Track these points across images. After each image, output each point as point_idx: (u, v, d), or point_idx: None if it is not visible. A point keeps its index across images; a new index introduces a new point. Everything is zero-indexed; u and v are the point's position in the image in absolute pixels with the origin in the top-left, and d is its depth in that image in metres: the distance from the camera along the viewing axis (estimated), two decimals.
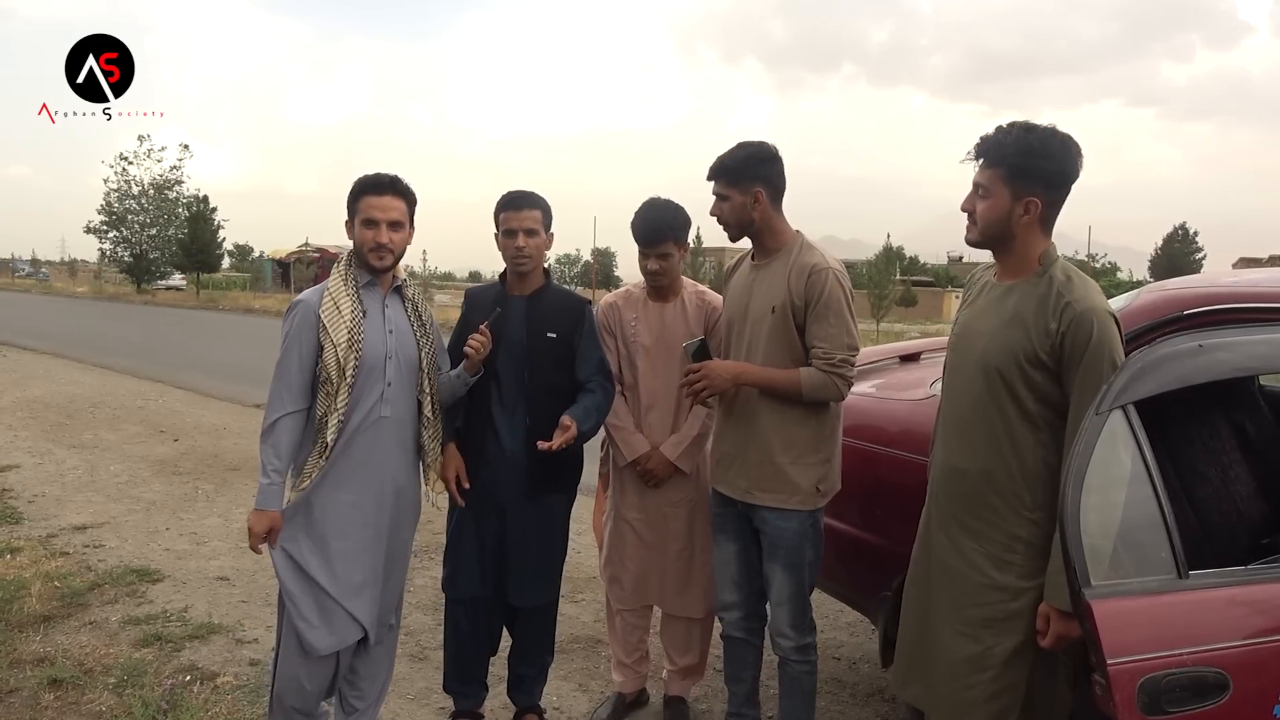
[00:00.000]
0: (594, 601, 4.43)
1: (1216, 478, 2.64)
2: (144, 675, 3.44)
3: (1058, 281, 2.05)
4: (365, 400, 2.63)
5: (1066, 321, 1.99)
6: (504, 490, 2.91)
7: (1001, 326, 2.11)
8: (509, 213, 2.91)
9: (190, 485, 6.49)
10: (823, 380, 2.57)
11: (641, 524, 3.15)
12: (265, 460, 2.56)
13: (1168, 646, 1.63)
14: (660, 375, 3.10)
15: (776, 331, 2.63)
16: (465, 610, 3.02)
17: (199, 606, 4.20)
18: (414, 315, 2.79)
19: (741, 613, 2.86)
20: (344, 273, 2.67)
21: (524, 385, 2.91)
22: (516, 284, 2.98)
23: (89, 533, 5.28)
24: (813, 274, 2.58)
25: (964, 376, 2.21)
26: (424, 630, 4.01)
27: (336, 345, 2.54)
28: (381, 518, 2.71)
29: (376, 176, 2.67)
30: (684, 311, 3.10)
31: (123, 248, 41.01)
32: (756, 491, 2.68)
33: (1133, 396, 1.74)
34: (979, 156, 2.16)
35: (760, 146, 2.69)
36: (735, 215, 2.68)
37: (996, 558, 2.11)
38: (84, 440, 7.95)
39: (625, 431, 3.12)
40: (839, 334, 2.57)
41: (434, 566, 4.80)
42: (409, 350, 2.73)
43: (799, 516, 2.66)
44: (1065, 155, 2.07)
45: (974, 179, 2.17)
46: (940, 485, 2.27)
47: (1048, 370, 2.03)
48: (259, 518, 2.57)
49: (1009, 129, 2.11)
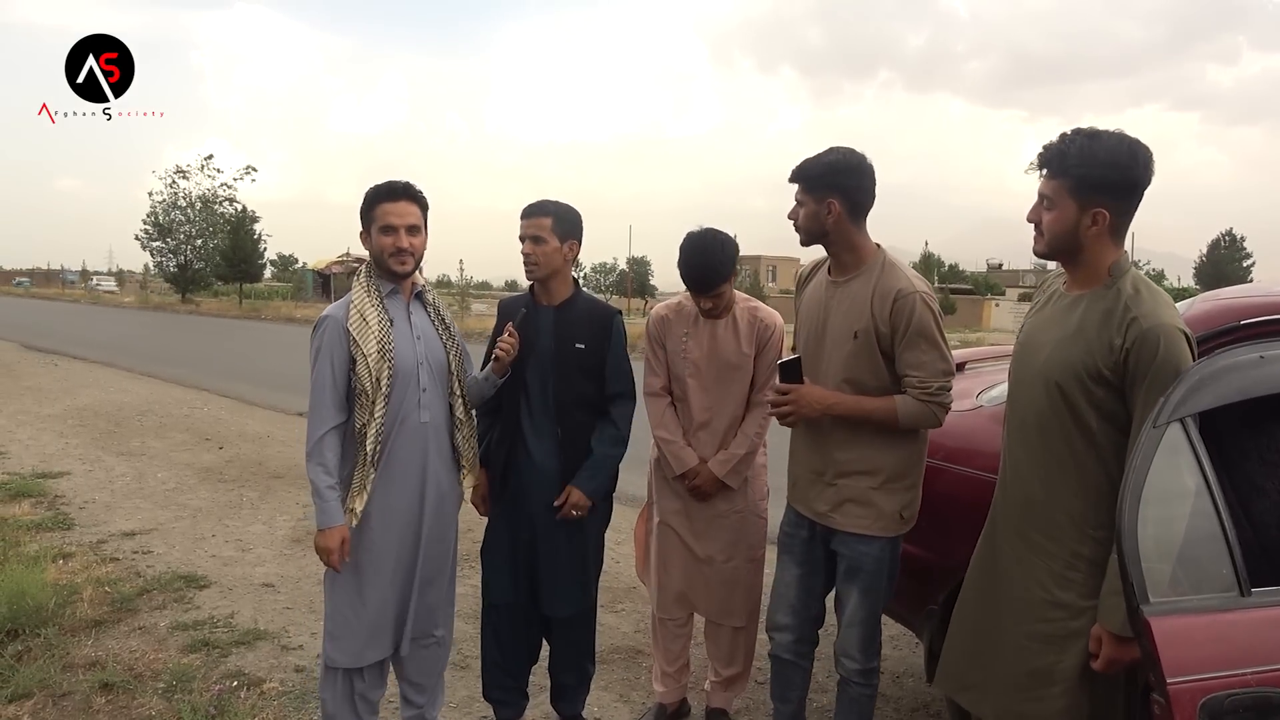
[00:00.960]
0: (634, 611, 4.43)
1: (1274, 491, 2.57)
2: (192, 681, 3.49)
3: (1125, 294, 1.98)
4: (403, 407, 2.66)
5: (1132, 338, 1.92)
6: (534, 500, 2.92)
7: (1065, 339, 2.06)
8: (522, 221, 2.92)
9: (235, 492, 6.60)
10: (920, 409, 2.49)
11: (687, 532, 3.15)
12: (317, 481, 2.57)
13: (1230, 666, 1.59)
14: (710, 391, 3.08)
15: (858, 356, 2.54)
16: (502, 617, 3.03)
17: (245, 613, 4.26)
18: (437, 319, 2.82)
19: (794, 636, 2.82)
20: (365, 284, 2.68)
21: (552, 395, 2.91)
22: (543, 293, 2.98)
23: (138, 539, 5.38)
24: (898, 299, 2.48)
25: (1027, 388, 2.16)
26: (465, 639, 4.02)
27: (368, 356, 2.56)
28: (422, 524, 2.74)
29: (389, 184, 2.69)
30: (735, 328, 3.06)
31: (168, 258, 41.81)
32: (838, 516, 2.62)
33: (1192, 409, 1.70)
34: (1042, 166, 2.08)
35: (846, 155, 2.56)
36: (808, 223, 2.58)
37: (1059, 575, 2.07)
38: (132, 448, 8.11)
39: (675, 445, 3.11)
40: (933, 361, 2.48)
41: (474, 575, 4.82)
42: (438, 355, 2.76)
43: (880, 542, 2.60)
44: (1133, 163, 1.99)
45: (1039, 189, 2.10)
46: (1006, 498, 2.23)
47: (1110, 386, 1.97)
48: (328, 536, 2.57)
49: (1072, 137, 2.03)
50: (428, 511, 2.74)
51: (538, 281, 2.96)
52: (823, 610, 2.84)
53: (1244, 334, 2.32)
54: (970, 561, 2.36)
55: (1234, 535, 1.66)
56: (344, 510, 2.58)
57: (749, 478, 3.09)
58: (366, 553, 2.66)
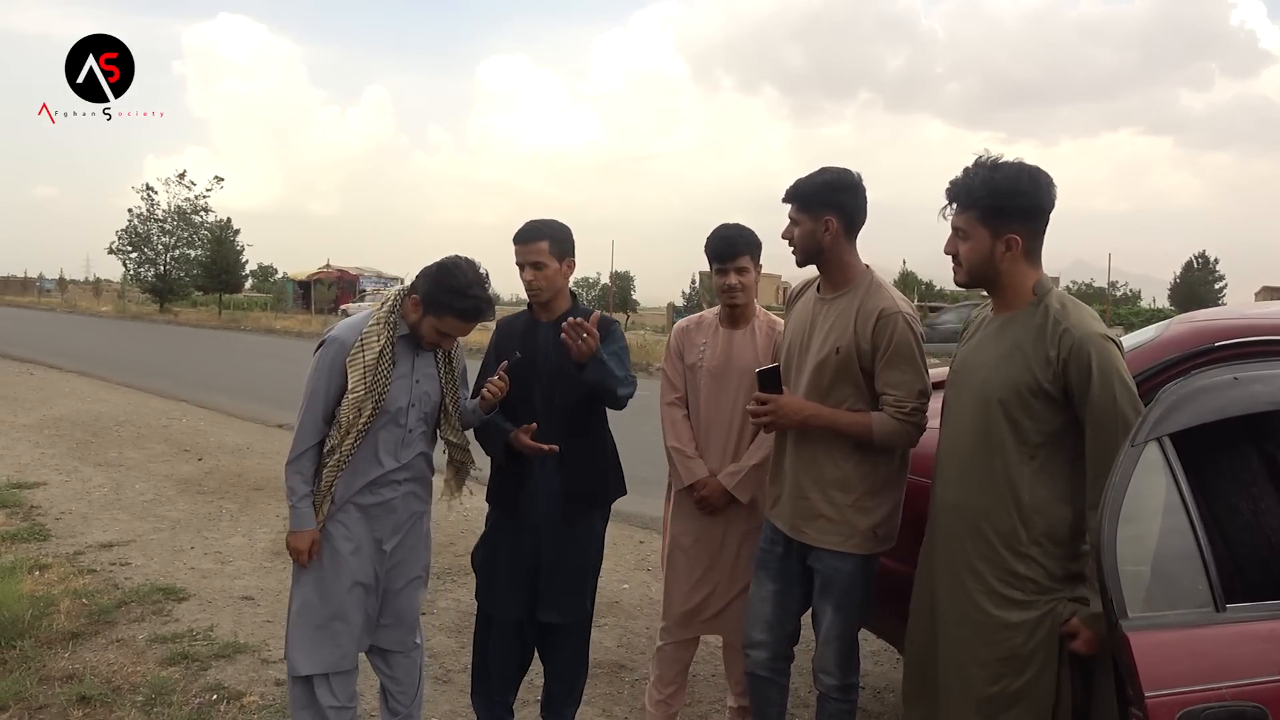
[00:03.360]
0: (616, 626, 4.43)
1: (1248, 510, 2.62)
2: (171, 694, 3.47)
3: (1053, 310, 2.08)
4: (386, 446, 2.74)
5: (1066, 348, 2.01)
6: (539, 511, 2.94)
7: (1002, 358, 2.13)
8: (517, 247, 2.95)
9: (214, 504, 6.55)
10: (896, 427, 2.52)
11: (695, 551, 3.11)
12: (294, 486, 2.69)
13: (1206, 680, 1.63)
14: (725, 401, 3.08)
15: (838, 372, 2.57)
16: (496, 631, 3.02)
17: (224, 625, 4.23)
18: (444, 360, 2.87)
19: (769, 653, 2.82)
20: (383, 319, 2.71)
21: (558, 409, 2.93)
22: (542, 311, 3.02)
23: (115, 550, 5.33)
24: (881, 318, 2.52)
25: (963, 410, 2.23)
26: (448, 653, 4.01)
27: (355, 393, 2.62)
28: (390, 551, 2.81)
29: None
30: (754, 339, 3.08)
31: (146, 268, 41.52)
32: (813, 531, 2.64)
33: (1169, 429, 1.74)
34: (951, 201, 2.20)
35: (840, 174, 2.61)
36: (804, 241, 2.62)
37: (999, 595, 2.11)
38: (109, 458, 8.03)
39: (684, 455, 3.10)
40: (912, 381, 2.52)
41: (456, 589, 4.82)
42: (433, 397, 2.83)
43: (855, 559, 2.62)
44: (1035, 188, 2.11)
45: (951, 223, 2.21)
46: (940, 523, 2.28)
47: (1050, 398, 2.05)
48: (299, 538, 2.69)
49: (975, 170, 2.14)
50: (396, 540, 2.82)
51: (541, 304, 3.00)
52: (798, 627, 2.85)
53: (1218, 355, 2.38)
54: (914, 583, 2.41)
55: (1209, 552, 1.70)
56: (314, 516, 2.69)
57: (759, 496, 3.04)
58: (330, 563, 2.72)
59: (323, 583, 2.72)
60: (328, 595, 2.72)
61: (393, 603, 2.85)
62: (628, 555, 5.61)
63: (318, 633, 2.72)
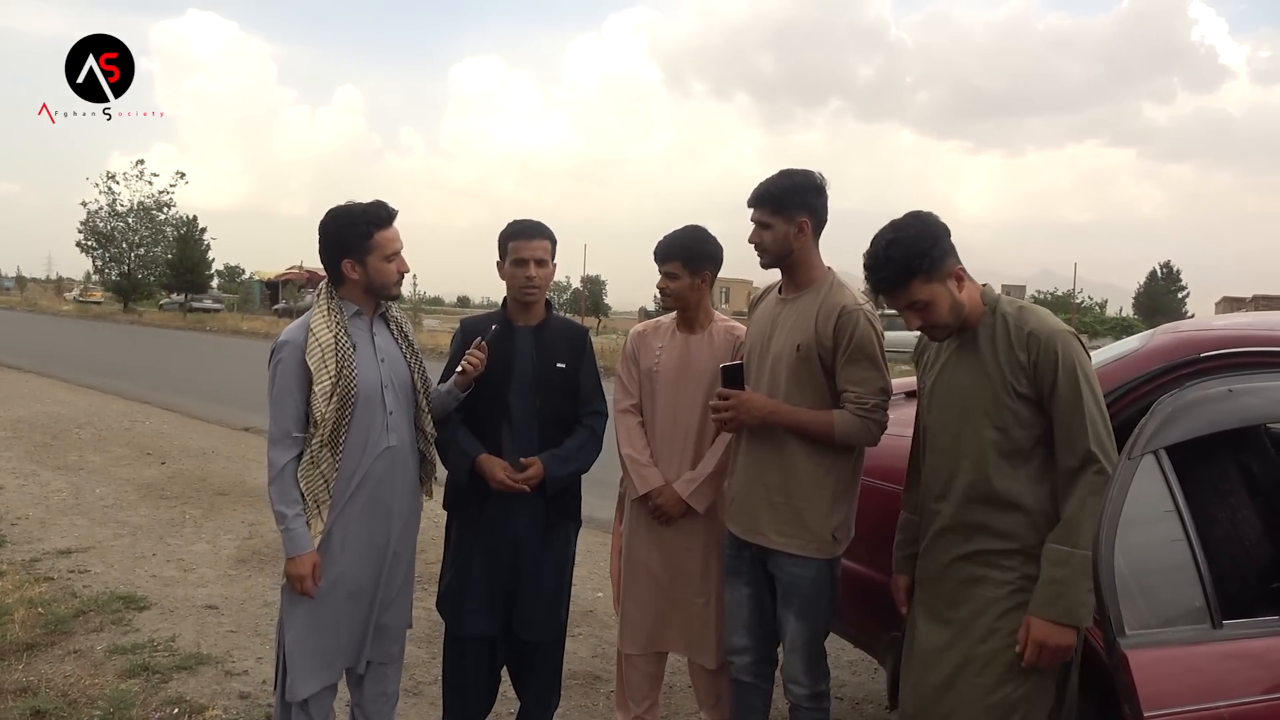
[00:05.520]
0: (590, 636, 4.36)
1: (1226, 521, 2.61)
2: (130, 708, 3.34)
3: (1010, 315, 2.13)
4: (370, 433, 2.61)
5: (1034, 348, 2.06)
6: (515, 524, 2.86)
7: (981, 372, 2.15)
8: (519, 241, 2.87)
9: (178, 510, 6.39)
10: (857, 425, 2.52)
11: (658, 565, 3.03)
12: (283, 509, 2.50)
13: (1204, 699, 1.60)
14: (681, 407, 3.00)
15: (799, 371, 2.57)
16: (470, 650, 2.93)
17: (187, 636, 4.10)
18: (401, 338, 2.77)
19: (752, 658, 2.79)
20: (326, 306, 2.60)
21: (535, 417, 2.87)
22: (521, 314, 2.94)
23: (74, 557, 5.17)
24: (842, 315, 2.53)
25: (948, 430, 2.23)
26: (418, 664, 3.92)
27: (321, 384, 2.49)
28: (387, 548, 2.69)
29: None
30: (711, 344, 3.01)
31: (110, 267, 40.77)
32: (772, 535, 2.62)
33: (1164, 441, 1.72)
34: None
35: (807, 176, 2.63)
36: (777, 244, 2.62)
37: (1005, 603, 2.09)
38: (69, 462, 7.83)
39: (639, 464, 3.01)
40: (872, 378, 2.53)
41: (427, 598, 4.69)
42: (402, 375, 2.72)
43: (815, 564, 2.60)
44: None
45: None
46: (941, 544, 2.25)
47: (1029, 400, 2.08)
48: (298, 564, 2.51)
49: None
50: (394, 536, 2.69)
51: (528, 304, 2.91)
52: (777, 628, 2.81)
53: (1204, 366, 2.36)
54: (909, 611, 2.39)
55: (1206, 567, 1.67)
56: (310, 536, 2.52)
57: (717, 504, 2.98)
58: (329, 579, 2.59)
59: (319, 602, 2.58)
60: (322, 615, 2.59)
61: (385, 610, 2.74)
62: (600, 562, 5.53)
63: (318, 654, 2.60)
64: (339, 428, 2.53)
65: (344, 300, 2.64)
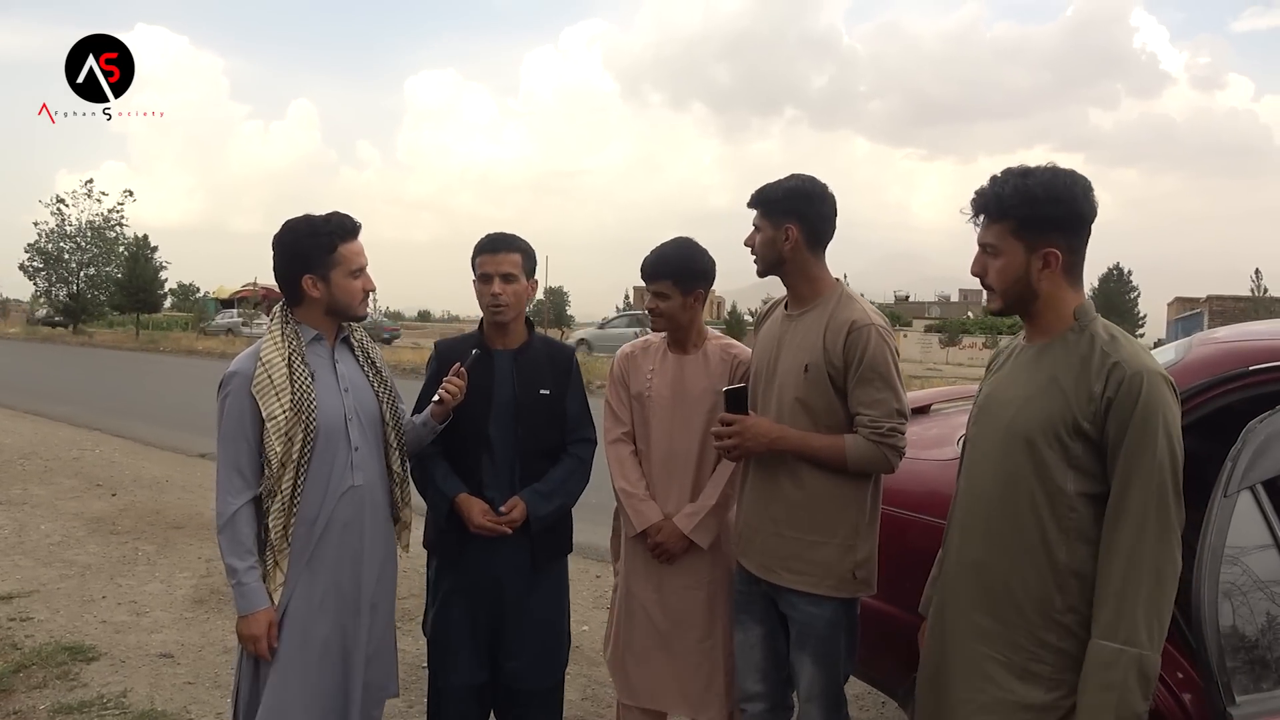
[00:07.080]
0: (579, 675, 4.10)
1: None
2: None
3: (1101, 339, 1.80)
4: (334, 471, 2.34)
5: (1115, 383, 1.72)
6: (500, 562, 2.62)
7: (1037, 392, 1.85)
8: (484, 256, 2.66)
9: (130, 546, 6.02)
10: (871, 451, 2.32)
11: (657, 609, 2.78)
12: (234, 563, 2.25)
13: None
14: (677, 433, 2.77)
15: (808, 392, 2.38)
16: (455, 700, 2.69)
17: (140, 690, 3.78)
18: (367, 364, 2.51)
19: (766, 705, 2.57)
20: (280, 331, 2.34)
21: (517, 447, 2.63)
22: (498, 336, 2.72)
23: (15, 603, 4.80)
24: (852, 331, 2.34)
25: (989, 451, 1.95)
26: (394, 715, 3.64)
27: (274, 419, 2.23)
28: (361, 597, 2.42)
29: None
30: (706, 364, 2.79)
31: (58, 287, 39.63)
32: (783, 571, 2.41)
33: (1262, 475, 1.51)
34: (978, 213, 1.92)
35: (806, 182, 2.46)
36: (764, 249, 2.47)
37: (1020, 668, 1.83)
38: (12, 496, 7.40)
39: (635, 498, 2.76)
40: (886, 399, 2.33)
41: (403, 638, 4.42)
42: (369, 406, 2.45)
43: (832, 604, 2.39)
44: (1073, 195, 1.84)
45: (979, 239, 1.93)
46: (957, 580, 2.00)
47: (1089, 440, 1.77)
48: (251, 623, 2.25)
49: (1005, 178, 1.88)
50: (366, 582, 2.42)
51: (501, 324, 2.68)
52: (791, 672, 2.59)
53: (1254, 380, 2.18)
54: (922, 649, 2.14)
55: None
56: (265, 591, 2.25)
57: (722, 539, 2.75)
58: (302, 638, 2.31)
59: (286, 668, 2.30)
60: (291, 683, 2.31)
61: (367, 668, 2.46)
62: (584, 592, 5.28)
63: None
64: (299, 467, 2.26)
65: (301, 324, 2.38)
